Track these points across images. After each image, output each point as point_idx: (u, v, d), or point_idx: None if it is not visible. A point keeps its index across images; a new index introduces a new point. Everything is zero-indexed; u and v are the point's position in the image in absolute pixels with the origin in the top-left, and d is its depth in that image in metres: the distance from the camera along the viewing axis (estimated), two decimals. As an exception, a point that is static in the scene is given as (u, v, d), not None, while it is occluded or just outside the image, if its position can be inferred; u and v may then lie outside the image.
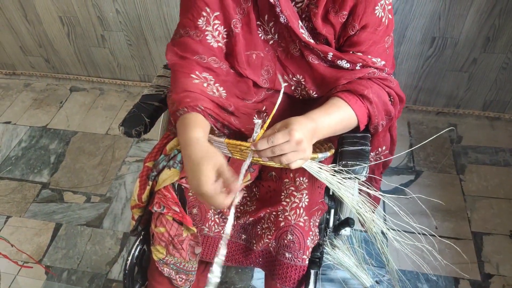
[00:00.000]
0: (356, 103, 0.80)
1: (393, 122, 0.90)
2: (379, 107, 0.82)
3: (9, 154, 1.82)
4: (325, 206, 0.92)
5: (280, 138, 0.67)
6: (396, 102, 0.86)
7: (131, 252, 0.95)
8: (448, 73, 1.66)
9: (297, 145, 0.67)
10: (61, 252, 1.46)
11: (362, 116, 0.81)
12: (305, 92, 0.89)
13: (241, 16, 0.83)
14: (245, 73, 0.88)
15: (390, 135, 0.94)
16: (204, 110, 0.79)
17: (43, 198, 1.63)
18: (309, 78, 0.87)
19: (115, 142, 1.83)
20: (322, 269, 1.30)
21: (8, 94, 2.13)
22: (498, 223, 1.44)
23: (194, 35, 0.84)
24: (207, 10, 0.82)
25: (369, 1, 0.77)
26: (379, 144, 0.93)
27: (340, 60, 0.82)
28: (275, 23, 0.84)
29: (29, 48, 2.02)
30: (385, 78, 0.84)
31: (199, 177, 0.67)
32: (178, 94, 0.80)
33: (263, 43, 0.87)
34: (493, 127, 1.77)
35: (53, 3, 1.77)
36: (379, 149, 0.95)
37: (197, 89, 0.81)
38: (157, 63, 1.92)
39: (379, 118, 0.83)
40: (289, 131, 0.67)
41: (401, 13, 1.51)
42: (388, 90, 0.84)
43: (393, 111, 0.85)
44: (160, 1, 1.66)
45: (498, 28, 1.49)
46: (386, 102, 0.84)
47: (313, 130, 0.73)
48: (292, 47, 0.86)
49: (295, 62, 0.87)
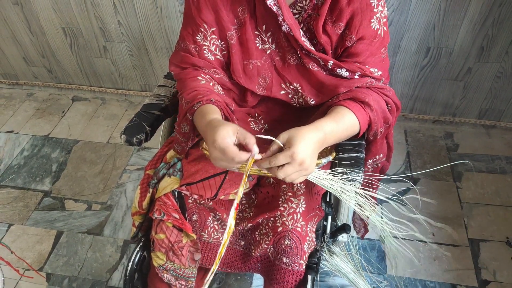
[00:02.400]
0: (359, 110, 0.81)
1: (390, 130, 0.92)
2: (379, 114, 0.84)
3: (12, 163, 1.84)
4: (322, 213, 0.94)
5: (282, 160, 0.68)
6: (393, 110, 0.88)
7: (131, 258, 0.96)
8: (444, 82, 1.69)
9: (300, 166, 0.68)
10: (62, 260, 1.47)
11: (364, 123, 0.82)
12: (302, 99, 0.91)
13: (238, 26, 0.87)
14: (240, 82, 0.90)
15: (387, 142, 0.96)
16: (216, 102, 0.83)
17: (45, 206, 1.65)
18: (306, 86, 0.89)
19: (116, 150, 1.86)
20: (320, 275, 1.31)
21: (11, 103, 2.16)
22: (495, 230, 1.46)
23: (193, 49, 0.89)
24: (205, 26, 0.86)
25: (365, 14, 0.80)
26: (377, 152, 0.95)
27: (340, 69, 0.84)
28: (273, 33, 0.87)
29: (32, 59, 2.05)
30: (383, 87, 0.87)
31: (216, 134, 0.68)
32: (190, 93, 0.85)
33: (260, 52, 0.89)
34: (489, 135, 1.79)
35: (57, 15, 1.81)
36: (377, 157, 0.97)
37: (206, 87, 0.87)
38: (158, 73, 1.95)
39: (378, 125, 0.85)
40: (291, 154, 0.67)
41: (396, 24, 1.55)
42: (386, 98, 0.86)
43: (391, 118, 0.88)
44: (161, 14, 1.70)
45: (492, 37, 1.52)
46: (384, 110, 0.86)
47: (322, 140, 0.74)
48: (289, 56, 0.88)
49: (292, 70, 0.89)
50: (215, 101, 0.82)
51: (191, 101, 0.83)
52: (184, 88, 0.88)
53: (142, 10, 1.70)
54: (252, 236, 0.92)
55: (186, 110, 0.83)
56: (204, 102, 0.81)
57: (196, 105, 0.81)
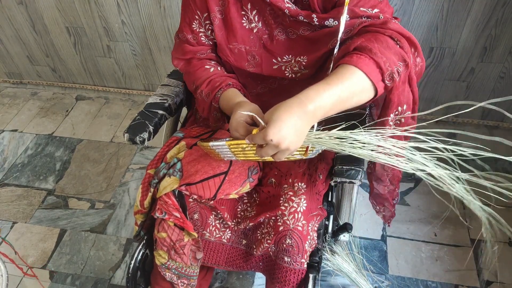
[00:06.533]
0: (359, 59, 0.69)
1: (410, 73, 0.74)
2: (385, 52, 0.70)
3: (16, 161, 1.85)
4: (324, 212, 0.94)
5: (258, 140, 0.68)
6: (404, 45, 0.73)
7: (134, 257, 0.97)
8: (447, 82, 1.69)
9: (276, 147, 0.66)
10: (65, 258, 1.48)
11: (372, 70, 0.69)
12: (296, 67, 0.88)
13: (222, 8, 0.87)
14: (230, 61, 0.93)
15: (411, 90, 0.77)
16: (233, 84, 0.90)
17: (48, 204, 1.66)
18: (297, 54, 0.86)
19: (119, 149, 1.87)
20: (322, 275, 1.31)
21: (15, 102, 2.17)
22: (497, 231, 1.45)
23: (191, 38, 0.93)
24: (198, 13, 0.89)
25: None
26: (399, 102, 0.76)
27: (327, 20, 0.79)
28: (259, 10, 0.86)
29: (37, 58, 2.06)
30: (382, 22, 0.75)
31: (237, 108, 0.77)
32: (207, 85, 0.91)
33: (247, 32, 0.89)
34: (492, 135, 1.79)
35: (61, 14, 1.82)
36: (399, 109, 0.77)
37: (218, 74, 0.93)
38: (161, 73, 1.96)
39: (390, 63, 0.70)
40: (263, 137, 0.65)
41: (399, 24, 1.54)
42: (390, 32, 0.73)
43: (405, 54, 0.72)
44: (164, 13, 1.70)
45: (495, 38, 1.52)
46: (392, 45, 0.72)
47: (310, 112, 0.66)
48: (276, 31, 0.87)
49: (280, 44, 0.88)
50: (233, 84, 0.90)
51: (212, 91, 0.89)
52: (198, 80, 0.93)
53: (145, 9, 1.71)
54: (254, 235, 0.93)
55: (210, 100, 0.90)
56: (224, 88, 0.89)
57: (218, 92, 0.89)
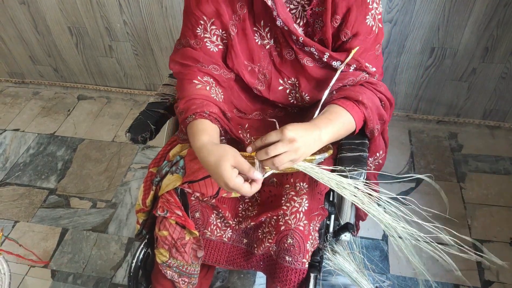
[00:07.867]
0: (353, 109, 0.83)
1: (385, 127, 0.94)
2: (373, 111, 0.86)
3: (18, 161, 1.86)
4: (325, 212, 0.94)
5: (274, 136, 0.71)
6: (387, 107, 0.90)
7: (135, 256, 0.97)
8: (448, 82, 1.69)
9: (290, 143, 0.70)
10: (67, 257, 1.48)
11: (359, 121, 0.84)
12: (299, 95, 0.92)
13: (237, 22, 0.88)
14: (243, 74, 0.91)
15: (383, 138, 0.98)
16: (210, 114, 0.82)
17: (50, 203, 1.67)
18: (302, 80, 0.90)
19: (121, 149, 1.87)
20: (323, 274, 1.31)
21: (17, 102, 2.18)
22: (498, 231, 1.45)
23: (195, 43, 0.89)
24: (204, 18, 0.87)
25: (361, 10, 0.81)
26: (377, 149, 0.97)
27: (335, 61, 0.85)
28: (271, 28, 0.88)
29: (38, 58, 2.07)
30: (375, 83, 0.88)
31: (222, 178, 0.70)
32: (184, 103, 0.84)
33: (260, 47, 0.90)
34: (493, 135, 1.79)
35: (63, 14, 1.83)
36: (377, 154, 0.98)
37: (202, 95, 0.85)
38: (163, 73, 1.97)
39: (374, 122, 0.87)
40: (281, 129, 0.71)
41: (401, 24, 1.55)
42: (380, 95, 0.88)
43: (385, 114, 0.89)
44: (166, 13, 1.71)
45: (497, 38, 1.52)
46: (379, 107, 0.87)
47: (318, 136, 0.76)
48: (285, 51, 0.89)
49: (289, 65, 0.90)
50: (210, 114, 0.82)
51: (185, 112, 0.83)
52: (181, 93, 0.88)
53: (147, 9, 1.71)
54: (255, 234, 0.93)
55: (180, 121, 0.85)
56: (196, 116, 0.81)
57: (189, 117, 0.81)
